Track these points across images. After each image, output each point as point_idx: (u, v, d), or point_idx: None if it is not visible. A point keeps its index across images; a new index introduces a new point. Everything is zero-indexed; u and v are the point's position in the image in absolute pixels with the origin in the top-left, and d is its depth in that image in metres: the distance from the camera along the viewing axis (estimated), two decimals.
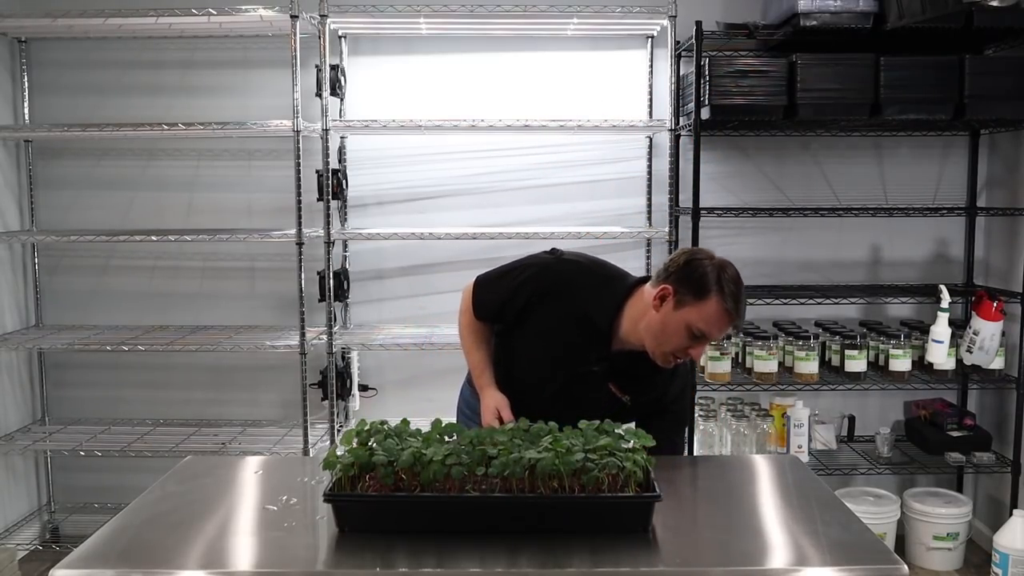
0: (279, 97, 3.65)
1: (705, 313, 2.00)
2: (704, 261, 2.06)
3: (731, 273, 2.04)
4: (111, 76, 3.80)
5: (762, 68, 3.34)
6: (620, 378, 2.15)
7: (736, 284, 2.03)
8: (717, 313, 2.00)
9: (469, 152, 3.80)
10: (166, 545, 1.59)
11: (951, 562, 3.63)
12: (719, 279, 2.01)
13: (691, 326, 2.01)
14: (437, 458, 1.60)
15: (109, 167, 3.87)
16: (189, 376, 3.90)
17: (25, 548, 3.71)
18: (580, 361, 2.14)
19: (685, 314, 2.00)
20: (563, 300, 2.16)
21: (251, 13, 3.37)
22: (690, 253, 2.10)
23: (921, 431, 3.74)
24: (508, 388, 2.21)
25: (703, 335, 2.02)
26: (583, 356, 2.14)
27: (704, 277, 2.02)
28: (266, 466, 2.09)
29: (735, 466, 2.21)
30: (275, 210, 3.80)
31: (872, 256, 3.91)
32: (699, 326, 2.00)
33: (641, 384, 2.17)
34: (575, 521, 1.60)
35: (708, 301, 1.99)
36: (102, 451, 3.56)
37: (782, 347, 3.61)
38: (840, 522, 1.69)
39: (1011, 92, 3.31)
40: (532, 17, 3.50)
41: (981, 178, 3.85)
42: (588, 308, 2.14)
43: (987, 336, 3.45)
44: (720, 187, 3.81)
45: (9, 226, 3.78)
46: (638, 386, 2.17)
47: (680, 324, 2.01)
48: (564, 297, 2.16)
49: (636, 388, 2.16)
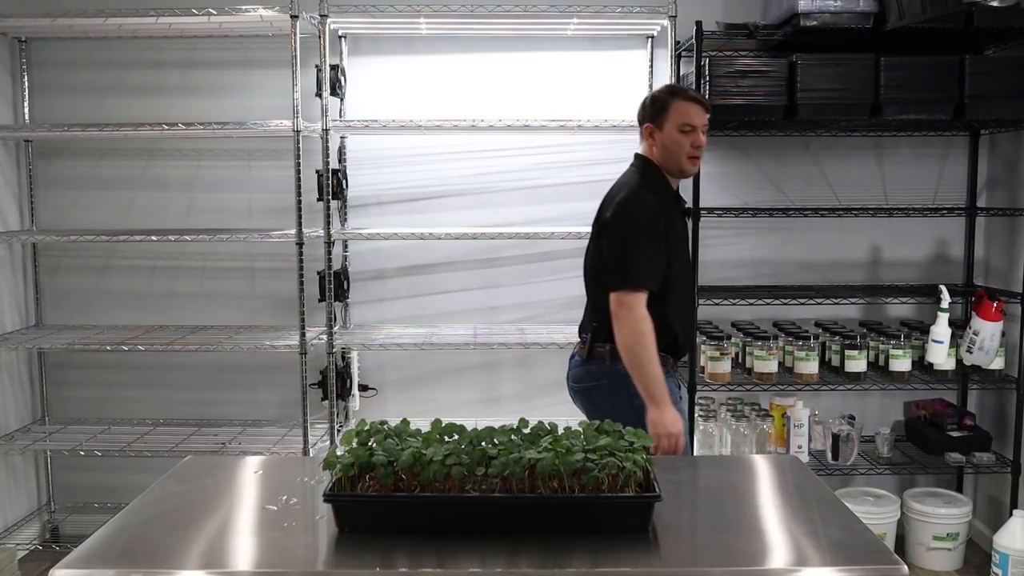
0: (279, 97, 3.65)
1: (679, 113, 2.62)
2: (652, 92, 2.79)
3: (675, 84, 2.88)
4: (111, 76, 3.81)
5: (762, 68, 3.34)
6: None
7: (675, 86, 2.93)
8: (683, 105, 2.62)
9: (469, 152, 3.80)
10: (166, 545, 1.59)
11: (951, 562, 3.63)
12: (669, 91, 2.71)
13: (679, 128, 2.61)
14: (437, 458, 1.60)
15: (109, 167, 3.87)
16: (189, 376, 3.91)
17: (25, 548, 3.72)
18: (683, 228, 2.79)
19: (669, 126, 2.63)
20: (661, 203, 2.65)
21: (251, 13, 3.37)
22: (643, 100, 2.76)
23: (921, 431, 3.74)
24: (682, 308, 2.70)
25: (691, 126, 2.62)
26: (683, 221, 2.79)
27: (659, 98, 2.68)
28: (266, 466, 2.09)
29: (735, 466, 2.21)
30: (275, 210, 3.80)
31: (872, 256, 3.91)
32: (683, 123, 2.61)
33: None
34: (575, 521, 1.60)
35: (675, 105, 2.63)
36: (102, 451, 3.56)
37: (782, 347, 3.61)
38: (840, 522, 1.68)
39: (1011, 92, 3.31)
40: (532, 17, 3.50)
41: (981, 178, 3.85)
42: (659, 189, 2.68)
43: (987, 336, 3.45)
44: (720, 187, 3.81)
45: (9, 226, 3.78)
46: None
47: (672, 135, 2.63)
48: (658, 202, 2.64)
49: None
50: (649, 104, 2.71)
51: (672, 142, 2.64)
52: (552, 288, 3.86)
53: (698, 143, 2.64)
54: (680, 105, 2.63)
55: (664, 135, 2.65)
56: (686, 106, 2.63)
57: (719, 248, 3.85)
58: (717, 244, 3.84)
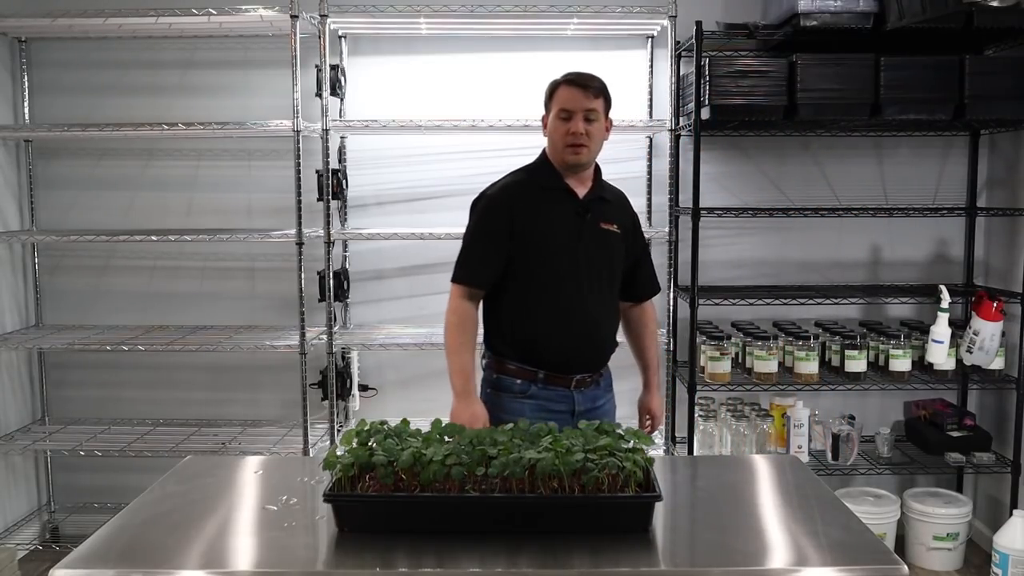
0: (279, 97, 3.65)
1: (558, 98, 2.43)
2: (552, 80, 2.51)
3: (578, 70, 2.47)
4: (111, 76, 3.80)
5: (762, 68, 3.34)
6: (600, 214, 2.48)
7: (575, 71, 2.47)
8: (563, 90, 2.43)
9: (469, 152, 3.80)
10: (166, 545, 1.59)
11: (951, 562, 3.63)
12: (559, 78, 2.47)
13: (557, 114, 2.42)
14: (437, 458, 1.60)
15: (109, 167, 3.87)
16: (189, 376, 3.90)
17: (25, 548, 3.71)
18: (572, 222, 2.45)
19: (552, 113, 2.44)
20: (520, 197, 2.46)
21: (251, 13, 3.37)
22: None
23: (921, 431, 3.74)
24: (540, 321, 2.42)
25: (567, 112, 2.40)
26: (571, 218, 2.45)
27: (549, 85, 2.48)
28: (266, 466, 2.09)
29: (735, 466, 2.21)
30: (275, 210, 3.80)
31: (872, 256, 3.91)
32: (560, 108, 2.41)
33: (611, 208, 2.54)
34: (575, 521, 1.60)
35: (557, 91, 2.44)
36: (102, 451, 3.56)
37: (782, 347, 3.61)
38: (840, 522, 1.69)
39: (1011, 92, 3.31)
40: (532, 17, 3.50)
41: (981, 178, 3.85)
42: (535, 182, 2.48)
43: (987, 336, 3.45)
44: (720, 187, 3.81)
45: (9, 226, 3.78)
46: (610, 212, 2.52)
47: (552, 122, 2.44)
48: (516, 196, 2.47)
49: (611, 214, 2.52)
50: (547, 90, 2.52)
51: (551, 130, 2.46)
52: None
53: (573, 130, 2.40)
54: (561, 90, 2.45)
55: (548, 123, 2.48)
56: (565, 90, 2.43)
57: (719, 248, 3.85)
58: (717, 244, 3.84)
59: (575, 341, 2.44)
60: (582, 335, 2.44)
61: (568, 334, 2.43)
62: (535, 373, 2.43)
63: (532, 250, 2.42)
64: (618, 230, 2.51)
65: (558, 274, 2.42)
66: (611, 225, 2.50)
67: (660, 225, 3.70)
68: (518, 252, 2.42)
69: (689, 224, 3.50)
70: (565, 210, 2.45)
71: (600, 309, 2.48)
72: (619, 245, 2.52)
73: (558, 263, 2.42)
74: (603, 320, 2.51)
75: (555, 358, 2.44)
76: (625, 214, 2.59)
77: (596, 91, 2.43)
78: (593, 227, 2.46)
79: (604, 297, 2.50)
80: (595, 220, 2.47)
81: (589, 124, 2.41)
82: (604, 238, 2.48)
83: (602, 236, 2.48)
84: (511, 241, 2.42)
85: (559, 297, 2.42)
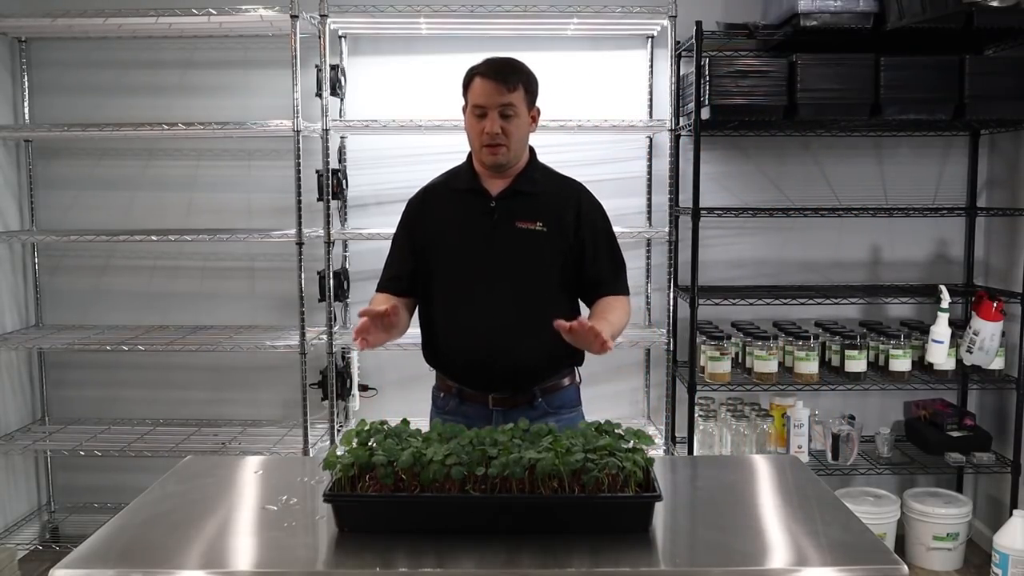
0: (279, 97, 3.65)
1: (472, 93, 2.20)
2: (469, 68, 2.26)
3: (491, 58, 2.24)
4: (111, 76, 3.81)
5: (762, 68, 3.34)
6: (518, 212, 2.23)
7: (492, 59, 2.23)
8: (477, 83, 2.19)
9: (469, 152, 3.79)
10: (166, 545, 1.59)
11: (951, 562, 3.63)
12: (474, 67, 2.23)
13: (473, 110, 2.20)
14: (437, 458, 1.60)
15: (109, 167, 3.87)
16: (189, 376, 3.90)
17: (25, 548, 3.71)
18: (479, 225, 2.24)
19: (468, 107, 2.22)
20: (431, 201, 2.32)
21: (251, 13, 3.37)
22: None
23: (921, 431, 3.74)
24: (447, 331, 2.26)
25: (481, 109, 2.18)
26: (478, 219, 2.24)
27: (466, 74, 2.25)
28: (266, 466, 2.09)
29: (735, 466, 2.21)
30: (275, 210, 3.80)
31: (872, 256, 3.91)
32: (474, 104, 2.19)
33: (537, 202, 2.25)
34: (575, 521, 1.60)
35: (470, 84, 2.21)
36: (102, 451, 3.56)
37: (782, 347, 3.61)
38: (840, 522, 1.69)
39: (1011, 92, 3.31)
40: (532, 17, 3.50)
41: (981, 178, 3.85)
42: (450, 184, 2.32)
43: (987, 336, 3.45)
44: (720, 187, 3.81)
45: (9, 226, 3.78)
46: (535, 207, 2.24)
47: (469, 116, 2.22)
48: (430, 200, 2.33)
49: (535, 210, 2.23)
50: (464, 78, 2.28)
51: (467, 126, 2.24)
52: None
53: (488, 130, 2.16)
54: (475, 83, 2.20)
55: (465, 117, 2.26)
56: (479, 84, 2.19)
57: (719, 248, 3.85)
58: (717, 244, 3.84)
59: (484, 354, 2.20)
60: (494, 348, 2.19)
61: (476, 346, 2.21)
62: (451, 387, 2.29)
63: (434, 257, 2.26)
64: (542, 227, 2.22)
65: (463, 281, 2.22)
66: (531, 223, 2.22)
67: (660, 225, 3.70)
68: (425, 260, 2.27)
69: (689, 224, 3.50)
70: (471, 212, 2.25)
71: (519, 319, 2.19)
72: (545, 244, 2.22)
73: (462, 269, 2.22)
74: (523, 331, 2.19)
75: (464, 372, 2.26)
76: (563, 206, 2.26)
77: (513, 83, 2.17)
78: (505, 227, 2.22)
79: (527, 305, 2.20)
80: (509, 219, 2.22)
81: (506, 121, 2.17)
82: (522, 239, 2.21)
83: (519, 236, 2.21)
84: (418, 248, 2.28)
85: (464, 306, 2.22)
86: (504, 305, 2.20)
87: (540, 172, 2.33)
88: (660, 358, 3.74)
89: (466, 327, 2.22)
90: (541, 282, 2.24)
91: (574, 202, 2.29)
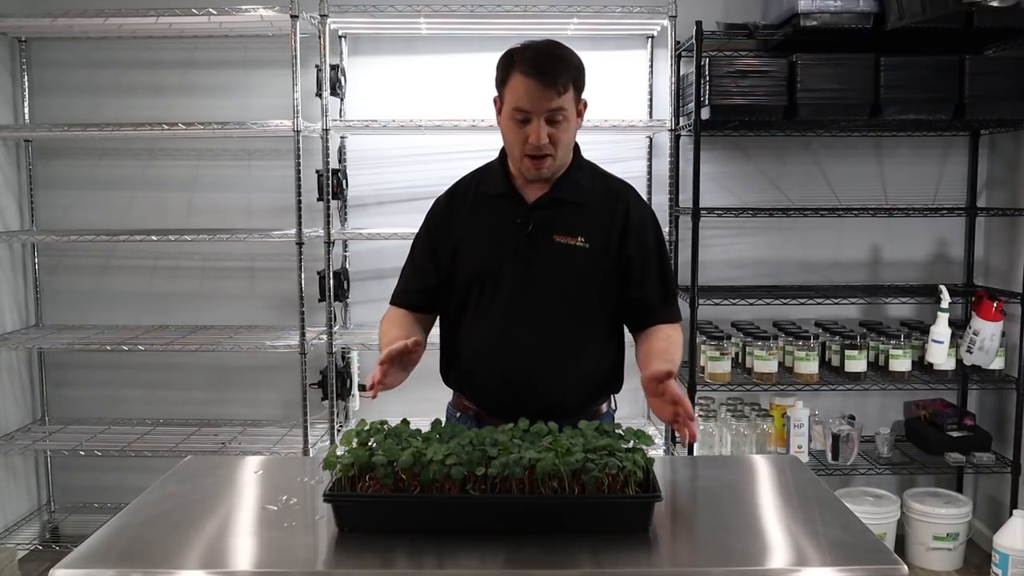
0: (279, 97, 3.65)
1: (513, 92, 1.89)
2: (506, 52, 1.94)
3: (532, 44, 1.92)
4: (111, 76, 3.80)
5: (762, 68, 3.34)
6: (557, 224, 1.99)
7: (535, 49, 1.90)
8: (522, 84, 1.87)
9: (469, 152, 3.78)
10: (166, 545, 1.59)
11: (951, 562, 3.63)
12: (513, 55, 1.91)
13: (513, 114, 1.90)
14: (437, 458, 1.60)
15: (109, 167, 3.87)
16: (189, 376, 3.91)
17: (25, 548, 3.71)
18: (511, 236, 1.98)
19: (505, 108, 1.93)
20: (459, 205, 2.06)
21: (251, 13, 3.37)
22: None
23: (921, 431, 3.74)
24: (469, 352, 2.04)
25: (524, 114, 1.89)
26: (510, 230, 1.98)
27: (502, 62, 1.93)
28: (266, 466, 2.09)
29: (735, 466, 2.21)
30: (275, 210, 3.80)
31: (872, 256, 3.91)
32: (515, 107, 1.89)
33: (580, 213, 2.00)
34: (575, 521, 1.60)
35: (510, 79, 1.90)
36: (102, 451, 3.56)
37: (782, 347, 3.61)
38: (840, 522, 1.68)
39: (1011, 92, 3.31)
40: (532, 17, 3.50)
41: (981, 178, 3.85)
42: (481, 188, 2.06)
43: (987, 336, 3.45)
44: (720, 187, 3.81)
45: (9, 226, 3.78)
46: (577, 219, 1.99)
47: (508, 119, 1.92)
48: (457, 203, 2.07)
49: (577, 223, 1.99)
50: (500, 64, 1.96)
51: (506, 130, 1.96)
52: None
53: (533, 140, 1.89)
54: (516, 81, 1.89)
55: (502, 117, 1.96)
56: (522, 83, 1.87)
57: (719, 248, 3.85)
58: (717, 244, 3.84)
59: (508, 382, 1.98)
60: (523, 376, 1.97)
61: (498, 373, 1.98)
62: (468, 408, 2.09)
63: (460, 270, 2.02)
64: (583, 243, 1.97)
65: (490, 300, 1.99)
66: (572, 238, 1.97)
67: None
68: (449, 272, 2.04)
69: (689, 224, 3.50)
70: (503, 221, 1.99)
71: (553, 345, 1.98)
72: (585, 262, 1.98)
73: (490, 286, 1.99)
74: (557, 359, 1.98)
75: (485, 398, 2.05)
76: (609, 218, 2.01)
77: (564, 84, 1.87)
78: (542, 240, 1.97)
79: (561, 329, 1.99)
80: (546, 232, 1.97)
81: (555, 127, 1.90)
82: (559, 254, 1.97)
83: (556, 252, 1.97)
84: (441, 258, 2.05)
85: (490, 328, 1.99)
86: (536, 329, 1.98)
87: (586, 174, 2.06)
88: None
89: (492, 351, 1.99)
90: (579, 305, 2.00)
91: (621, 212, 2.02)
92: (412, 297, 2.10)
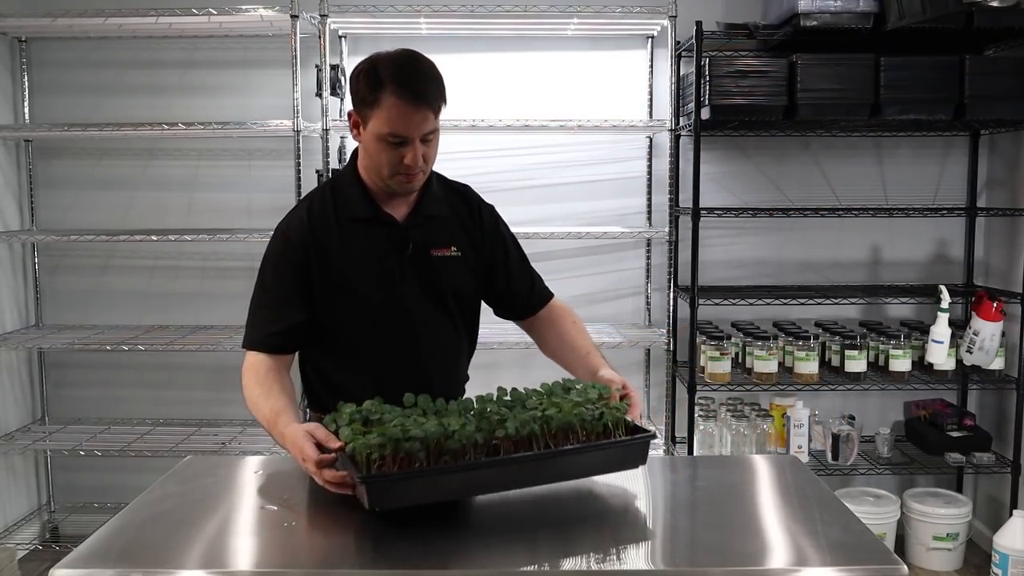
0: (279, 97, 3.65)
1: (385, 114, 1.78)
2: (363, 64, 1.82)
3: (395, 60, 1.81)
4: (111, 76, 3.81)
5: (762, 68, 3.34)
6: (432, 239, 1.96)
7: (400, 65, 1.80)
8: (396, 108, 1.77)
9: (469, 152, 3.80)
10: (166, 545, 1.59)
11: (951, 562, 3.63)
12: (380, 74, 1.78)
13: (383, 138, 1.80)
14: (459, 427, 1.60)
15: (109, 167, 3.87)
16: (189, 376, 3.90)
17: (25, 548, 3.71)
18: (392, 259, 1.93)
19: (372, 129, 1.81)
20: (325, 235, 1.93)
21: (251, 13, 3.37)
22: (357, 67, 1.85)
23: (921, 431, 3.74)
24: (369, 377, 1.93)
25: (401, 138, 1.80)
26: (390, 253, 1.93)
27: (372, 76, 1.79)
28: (266, 466, 2.09)
29: (735, 466, 2.20)
30: (275, 210, 3.76)
31: (872, 256, 3.91)
32: (391, 132, 1.79)
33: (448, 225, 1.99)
34: (594, 466, 1.71)
35: (381, 99, 1.78)
36: (102, 451, 3.56)
37: (782, 347, 3.61)
38: (840, 522, 1.68)
39: (1011, 92, 3.31)
40: (532, 17, 3.50)
41: (981, 178, 3.85)
42: (342, 213, 1.94)
43: (987, 336, 3.45)
44: (720, 187, 3.81)
45: (9, 226, 3.78)
46: (445, 229, 1.98)
47: (374, 141, 1.82)
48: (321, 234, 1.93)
49: (446, 233, 1.98)
50: (362, 80, 1.82)
51: (371, 150, 1.85)
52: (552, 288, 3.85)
53: (409, 162, 1.82)
54: (389, 103, 1.77)
55: (365, 136, 1.85)
56: (396, 107, 1.77)
57: (719, 248, 3.85)
58: (717, 244, 3.84)
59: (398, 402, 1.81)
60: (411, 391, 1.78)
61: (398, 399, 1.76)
62: None
63: (340, 303, 1.92)
64: (456, 252, 1.98)
65: (375, 327, 1.93)
66: (446, 249, 1.97)
67: (660, 225, 3.70)
68: (325, 307, 1.93)
69: (689, 224, 3.50)
70: (378, 244, 1.93)
71: (440, 360, 2.00)
72: (462, 269, 2.00)
73: (375, 313, 1.93)
74: (442, 371, 2.00)
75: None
76: (469, 223, 2.03)
77: (436, 104, 1.82)
78: (420, 259, 1.94)
79: (445, 342, 2.01)
80: (423, 249, 1.95)
81: (427, 146, 1.85)
82: (439, 267, 1.96)
83: (436, 265, 1.96)
84: (316, 293, 1.93)
85: (377, 355, 1.95)
86: (428, 348, 1.96)
87: (437, 183, 2.02)
88: (660, 358, 3.74)
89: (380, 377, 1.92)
90: (462, 312, 2.02)
91: (476, 215, 2.05)
92: (275, 339, 1.95)
